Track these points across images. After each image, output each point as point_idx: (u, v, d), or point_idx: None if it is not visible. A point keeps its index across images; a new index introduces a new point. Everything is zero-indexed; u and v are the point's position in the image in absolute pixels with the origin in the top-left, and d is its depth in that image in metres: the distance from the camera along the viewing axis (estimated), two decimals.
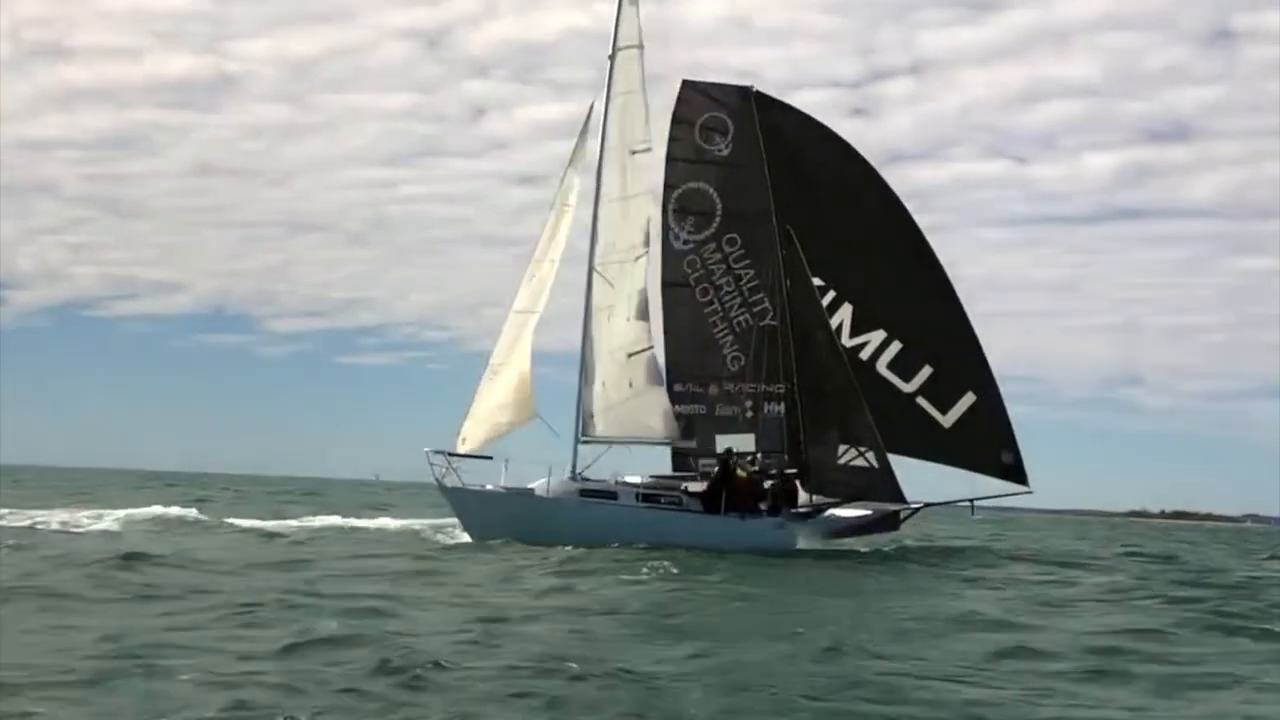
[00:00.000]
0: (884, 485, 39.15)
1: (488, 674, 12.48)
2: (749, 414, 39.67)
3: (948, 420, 40.80)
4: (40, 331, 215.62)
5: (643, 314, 38.15)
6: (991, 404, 40.81)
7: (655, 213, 39.31)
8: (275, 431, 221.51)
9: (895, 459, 39.15)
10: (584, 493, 36.28)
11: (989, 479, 40.66)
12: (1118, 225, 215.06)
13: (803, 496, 39.13)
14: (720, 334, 39.99)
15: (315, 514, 42.04)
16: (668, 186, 40.32)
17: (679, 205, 40.24)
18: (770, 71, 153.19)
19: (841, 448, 39.27)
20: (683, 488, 37.04)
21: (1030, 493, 41.17)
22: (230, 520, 37.52)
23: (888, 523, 39.85)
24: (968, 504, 40.67)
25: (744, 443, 39.45)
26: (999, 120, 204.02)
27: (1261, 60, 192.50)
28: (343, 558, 25.78)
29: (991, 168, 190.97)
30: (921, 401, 40.84)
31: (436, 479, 35.22)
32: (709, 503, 36.62)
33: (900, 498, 39.29)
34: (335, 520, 39.88)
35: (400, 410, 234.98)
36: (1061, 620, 19.46)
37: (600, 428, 37.79)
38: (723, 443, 39.39)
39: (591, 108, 38.67)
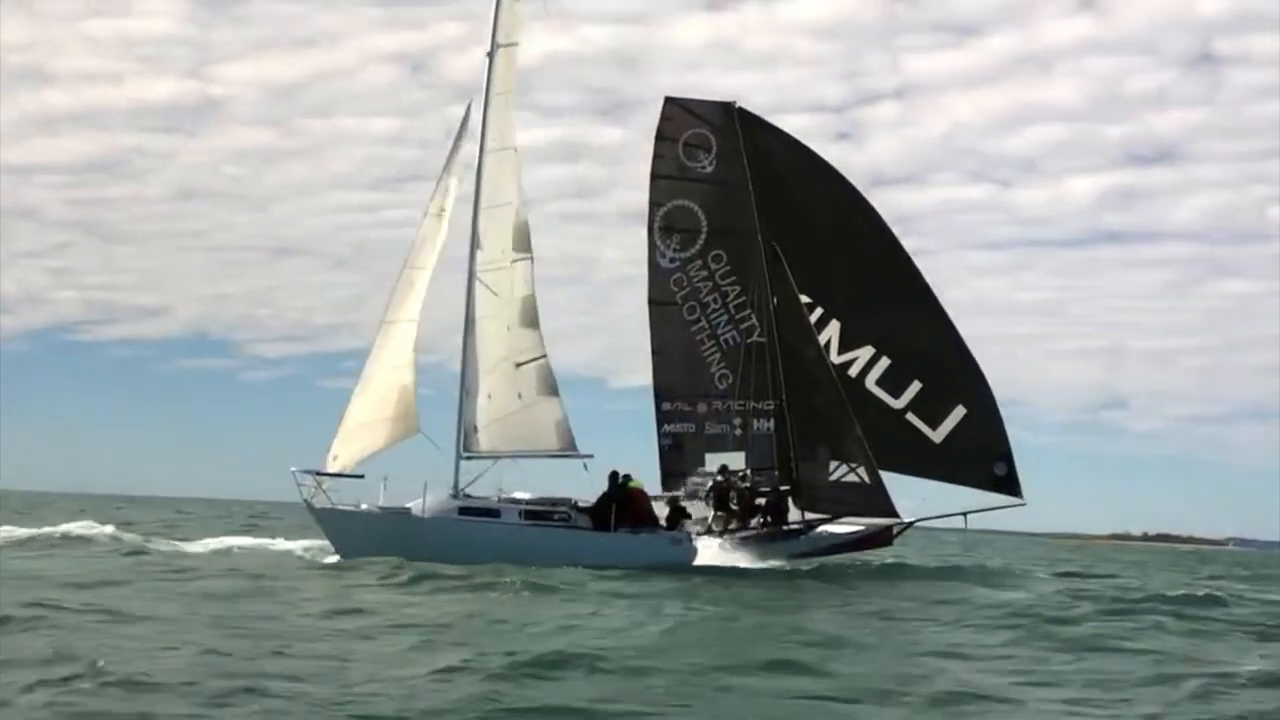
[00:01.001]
0: (876, 501, 38.98)
1: (136, 693, 12.33)
2: (738, 431, 39.63)
3: (938, 435, 40.51)
4: (22, 356, 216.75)
5: (530, 321, 36.64)
6: (983, 415, 40.45)
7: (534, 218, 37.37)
8: (257, 455, 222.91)
9: (887, 475, 39.10)
10: (464, 510, 34.86)
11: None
12: (1101, 248, 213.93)
13: (794, 514, 39.09)
14: (708, 352, 39.99)
15: (237, 535, 41.40)
16: (653, 204, 40.38)
17: (664, 223, 40.26)
18: (755, 95, 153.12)
19: (832, 464, 39.26)
20: (573, 503, 35.71)
21: (1024, 504, 40.82)
22: (126, 538, 37.04)
23: (882, 538, 39.58)
24: (960, 518, 40.24)
25: (734, 460, 39.44)
26: (982, 144, 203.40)
27: (1244, 84, 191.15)
28: (181, 578, 25.18)
29: (975, 192, 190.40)
30: (911, 418, 40.56)
31: (305, 500, 33.97)
32: (598, 519, 35.23)
33: (893, 513, 39.17)
34: (241, 541, 38.59)
35: None
36: (896, 638, 19.29)
37: (485, 442, 36.30)
38: (713, 461, 39.50)
39: (469, 107, 37.04)
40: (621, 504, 35.35)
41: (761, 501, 39.02)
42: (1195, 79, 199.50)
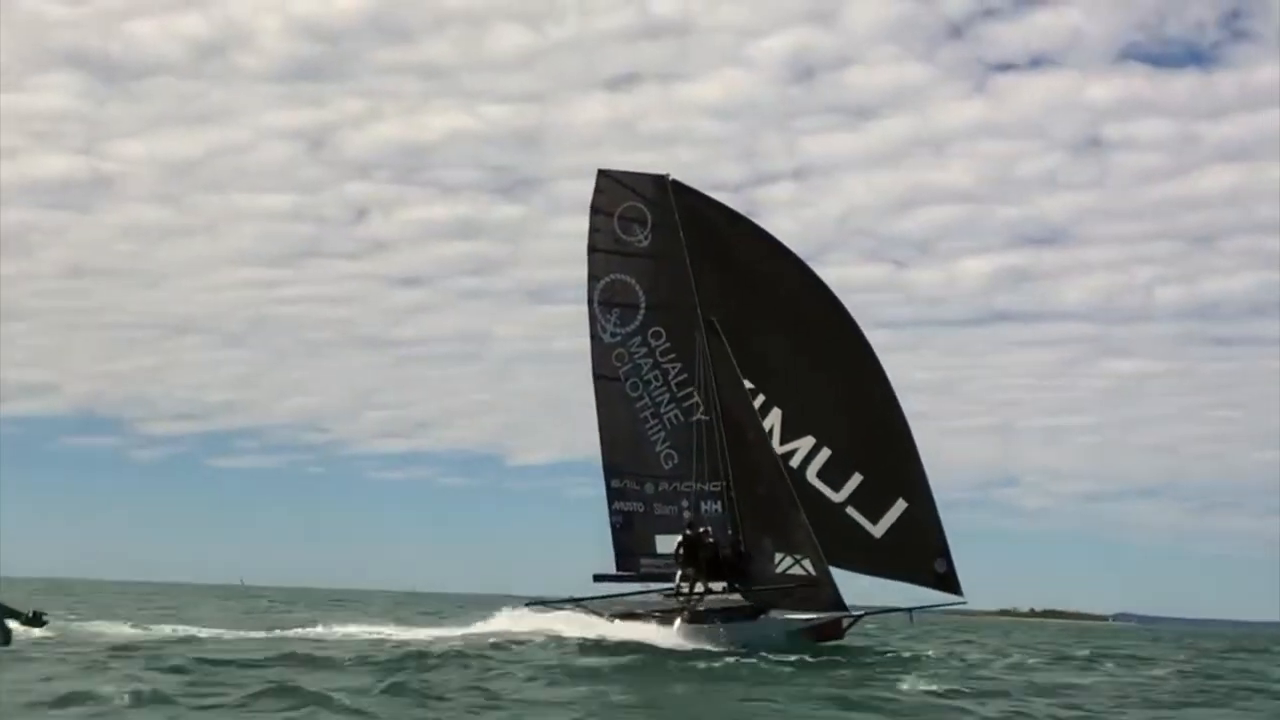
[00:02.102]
0: (823, 593, 36.92)
1: None
2: (687, 513, 37.29)
3: (878, 530, 38.82)
4: None
5: None
6: (923, 508, 38.86)
7: None
8: (145, 537, 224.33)
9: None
10: None
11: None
12: (994, 328, 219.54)
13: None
14: (652, 430, 38.20)
15: None
16: (591, 277, 38.75)
17: (603, 297, 38.60)
18: None
19: (777, 555, 37.17)
20: None
21: (964, 602, 39.52)
22: None
23: (832, 630, 37.20)
24: (905, 611, 39.14)
25: None
26: (878, 225, 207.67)
27: (1131, 168, 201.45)
28: None
29: (871, 271, 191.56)
30: (851, 511, 38.76)
31: None
32: None
33: (840, 605, 37.17)
34: None
35: (276, 513, 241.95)
36: None
37: None
38: (663, 543, 37.20)
39: None
40: None
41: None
42: (1084, 163, 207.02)
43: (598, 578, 37.31)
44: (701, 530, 36.52)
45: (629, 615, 36.60)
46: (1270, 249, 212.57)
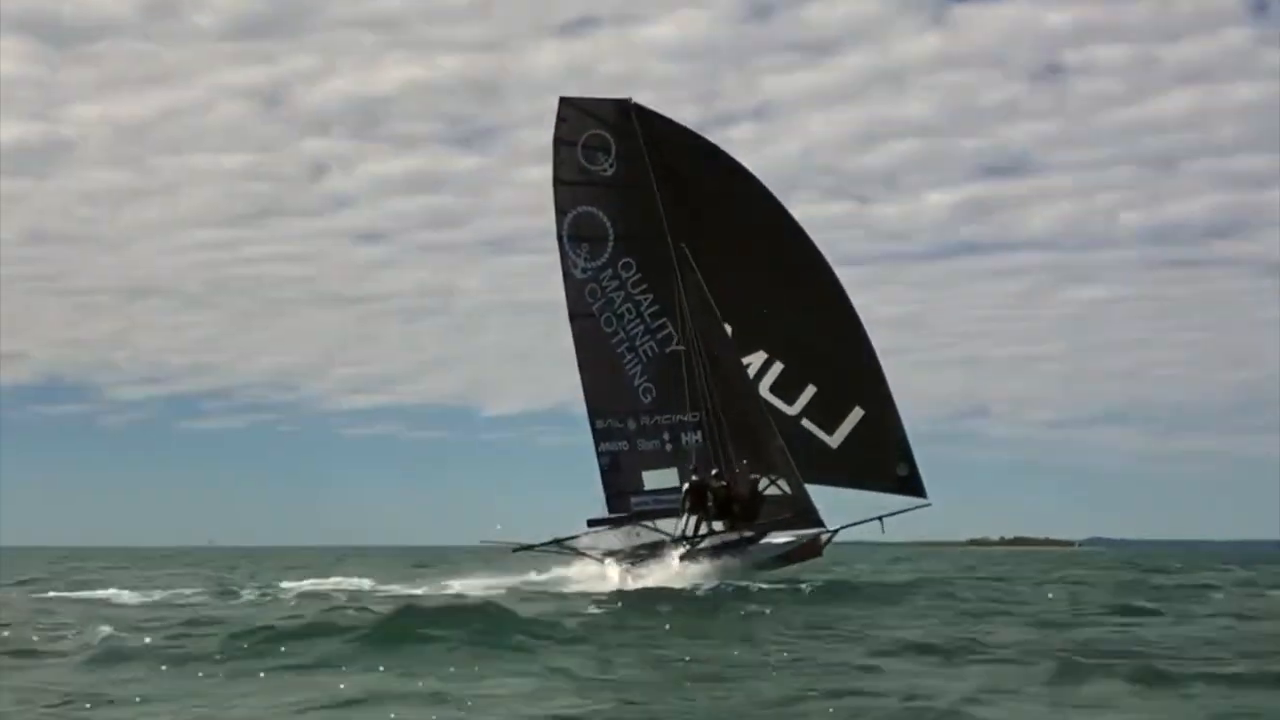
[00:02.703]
0: (801, 512, 37.54)
1: None
2: (668, 447, 37.40)
3: (835, 440, 39.32)
4: None
5: None
6: (882, 414, 39.35)
7: None
8: (116, 502, 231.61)
9: None
10: None
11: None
12: (959, 260, 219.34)
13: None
14: (629, 365, 38.04)
15: None
16: (559, 211, 37.95)
17: (571, 231, 37.99)
18: None
19: (752, 478, 37.47)
20: None
21: (929, 504, 40.05)
22: None
23: (812, 549, 38.00)
24: (878, 522, 39.24)
25: (665, 478, 37.18)
26: (840, 161, 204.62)
27: (1091, 93, 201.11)
28: None
29: (835, 208, 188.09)
30: (806, 424, 39.22)
31: None
32: None
33: (818, 522, 37.78)
34: None
35: (247, 473, 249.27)
36: None
37: None
38: (650, 479, 37.38)
39: None
40: None
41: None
42: (1044, 90, 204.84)
43: (592, 522, 37.22)
44: (714, 472, 36.64)
45: (614, 553, 36.82)
46: (1231, 170, 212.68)
